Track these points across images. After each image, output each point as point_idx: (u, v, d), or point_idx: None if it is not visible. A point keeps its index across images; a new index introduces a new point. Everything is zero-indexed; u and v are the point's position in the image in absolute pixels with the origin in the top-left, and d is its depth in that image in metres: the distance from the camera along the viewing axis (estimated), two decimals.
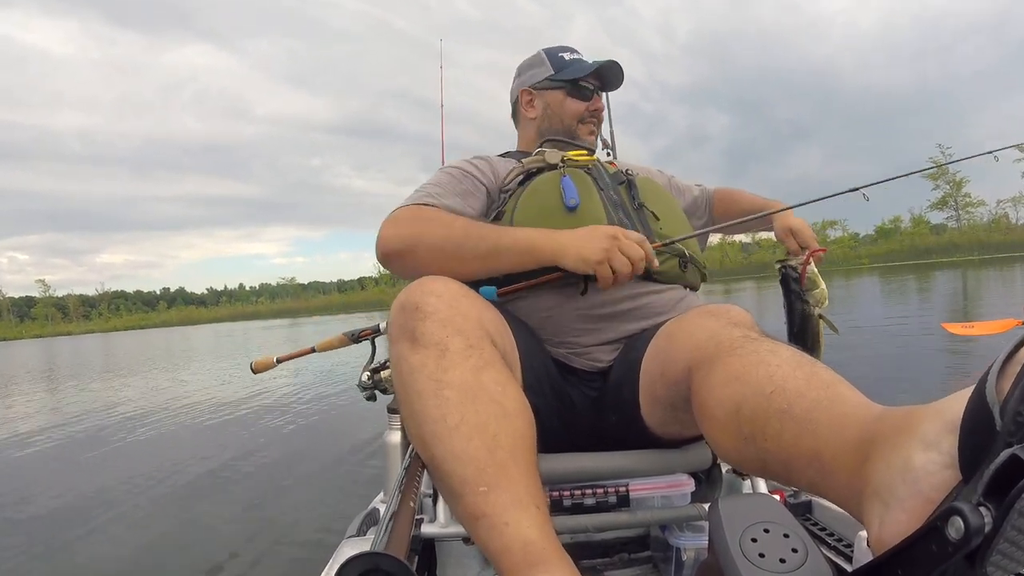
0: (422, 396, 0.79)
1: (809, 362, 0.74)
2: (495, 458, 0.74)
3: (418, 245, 1.12)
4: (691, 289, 1.27)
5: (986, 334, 5.29)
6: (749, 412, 0.71)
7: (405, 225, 1.15)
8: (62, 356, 22.15)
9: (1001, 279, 16.46)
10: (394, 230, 1.15)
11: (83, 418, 6.30)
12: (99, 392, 9.01)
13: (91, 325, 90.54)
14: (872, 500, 0.51)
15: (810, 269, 1.28)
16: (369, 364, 1.35)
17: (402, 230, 1.14)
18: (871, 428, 0.56)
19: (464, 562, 1.30)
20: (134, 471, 3.87)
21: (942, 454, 0.46)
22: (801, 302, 1.30)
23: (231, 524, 2.84)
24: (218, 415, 5.78)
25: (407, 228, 1.15)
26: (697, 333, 0.92)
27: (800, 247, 1.34)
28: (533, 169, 1.26)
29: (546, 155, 1.27)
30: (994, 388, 0.42)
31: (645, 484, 1.07)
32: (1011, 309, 8.21)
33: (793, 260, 1.30)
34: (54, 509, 3.26)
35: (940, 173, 49.19)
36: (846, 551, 1.03)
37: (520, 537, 0.68)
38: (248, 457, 4.05)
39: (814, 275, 1.28)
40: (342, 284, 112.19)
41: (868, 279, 23.97)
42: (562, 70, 1.40)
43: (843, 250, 53.85)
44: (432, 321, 0.83)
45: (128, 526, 2.91)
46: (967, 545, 0.39)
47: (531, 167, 1.26)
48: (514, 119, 1.53)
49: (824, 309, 1.30)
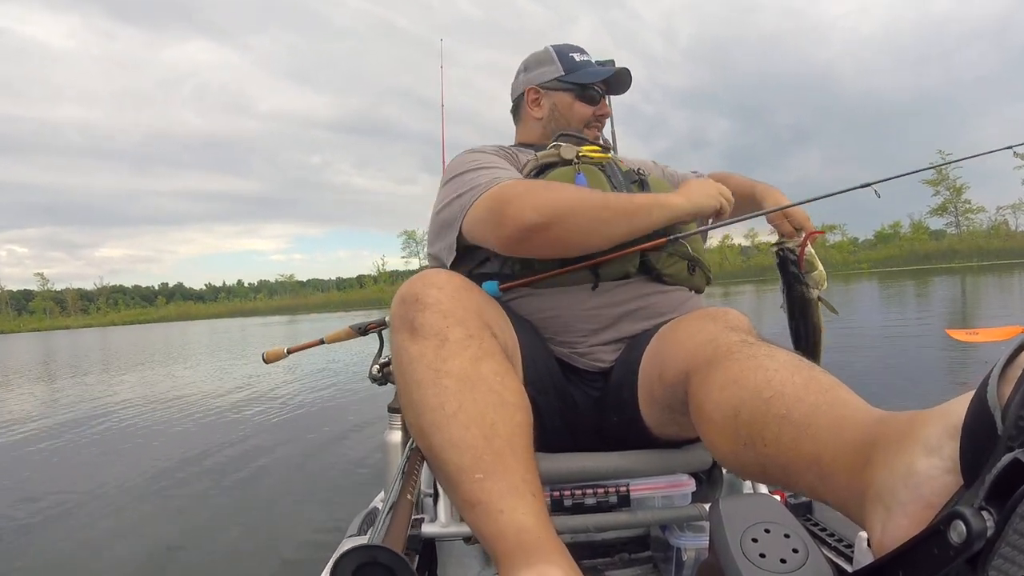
0: (421, 385, 0.80)
1: (807, 366, 0.74)
2: (492, 446, 0.75)
3: (563, 214, 1.04)
4: (696, 292, 1.27)
5: (991, 341, 5.28)
6: (747, 417, 0.71)
7: (539, 197, 1.06)
8: (61, 351, 22.07)
9: (1000, 286, 16.46)
10: (530, 202, 1.04)
11: (76, 418, 6.29)
12: (94, 387, 8.99)
13: (89, 319, 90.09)
14: (874, 505, 0.51)
15: (808, 251, 1.25)
16: (378, 358, 1.36)
17: (539, 201, 1.04)
18: (872, 432, 0.56)
19: (465, 562, 1.30)
20: (140, 467, 3.87)
21: (944, 459, 0.46)
22: (800, 285, 1.27)
23: (231, 525, 2.85)
24: (223, 412, 5.78)
25: (543, 199, 1.05)
26: (694, 336, 0.92)
27: (795, 229, 1.34)
28: (547, 163, 1.26)
29: (561, 150, 1.26)
30: (995, 392, 0.42)
31: (646, 484, 1.08)
32: (1013, 316, 8.20)
33: (790, 242, 1.28)
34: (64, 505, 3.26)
35: (940, 179, 49.16)
36: (847, 551, 1.04)
37: (515, 524, 0.69)
38: (253, 453, 4.05)
39: (812, 257, 1.26)
40: (341, 282, 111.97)
41: (867, 284, 23.94)
42: (572, 72, 1.38)
43: (842, 255, 53.77)
44: (432, 312, 0.84)
45: (128, 525, 2.91)
46: (969, 549, 0.40)
47: (546, 160, 1.26)
48: (514, 114, 1.50)
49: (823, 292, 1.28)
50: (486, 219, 1.09)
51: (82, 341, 30.10)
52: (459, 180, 1.19)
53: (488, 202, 1.09)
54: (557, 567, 0.63)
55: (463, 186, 1.17)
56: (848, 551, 1.03)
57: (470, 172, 1.19)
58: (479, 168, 1.19)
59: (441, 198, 1.22)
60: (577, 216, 1.05)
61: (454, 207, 1.17)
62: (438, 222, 1.22)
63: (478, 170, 1.18)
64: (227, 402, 6.29)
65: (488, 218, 1.08)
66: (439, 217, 1.22)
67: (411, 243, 74.58)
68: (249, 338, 20.08)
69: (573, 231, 1.05)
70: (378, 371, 1.34)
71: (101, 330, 58.49)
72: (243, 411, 5.66)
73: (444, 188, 1.23)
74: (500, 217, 1.06)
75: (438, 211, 1.22)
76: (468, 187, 1.15)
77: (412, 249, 74.49)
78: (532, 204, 1.04)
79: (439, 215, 1.22)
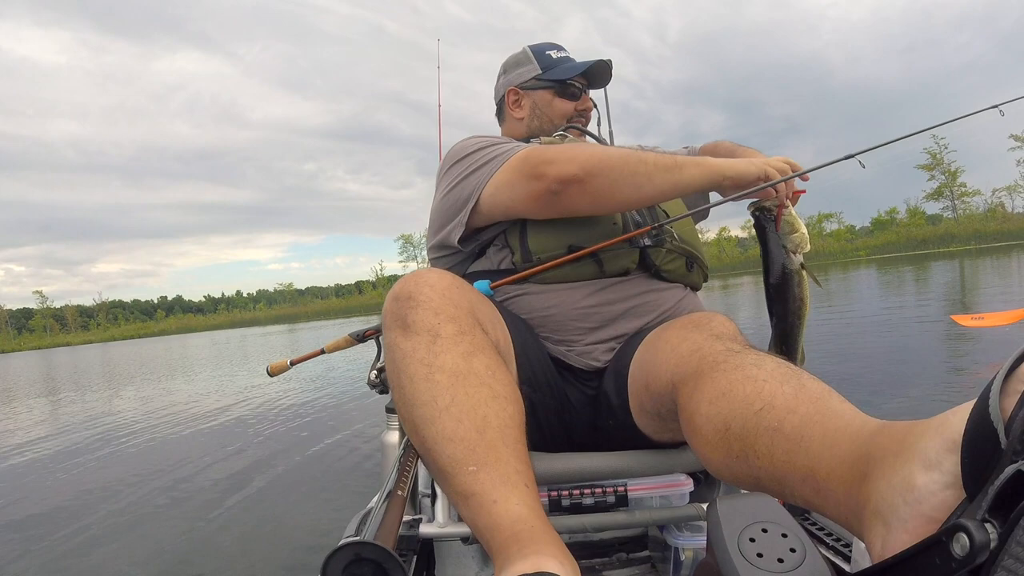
0: (413, 380, 0.80)
1: (795, 373, 0.73)
2: (484, 438, 0.75)
3: (603, 166, 1.04)
4: (693, 289, 1.26)
5: (997, 325, 5.31)
6: (739, 430, 0.70)
7: (577, 150, 1.06)
8: (65, 368, 22.11)
9: (999, 268, 16.51)
10: (568, 154, 1.05)
11: (82, 433, 6.29)
12: (94, 404, 9.00)
13: (89, 335, 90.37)
14: (873, 520, 0.50)
15: (786, 211, 1.15)
16: (376, 363, 1.36)
17: (578, 154, 1.05)
18: (867, 445, 0.55)
19: (463, 562, 1.31)
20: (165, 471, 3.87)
21: (944, 473, 0.45)
22: (779, 250, 1.15)
23: (235, 526, 2.84)
24: (230, 421, 5.78)
25: (582, 152, 1.05)
26: (680, 346, 0.92)
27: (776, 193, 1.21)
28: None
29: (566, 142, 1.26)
30: (998, 406, 0.41)
31: (643, 484, 1.07)
32: (1016, 299, 8.22)
33: (767, 202, 1.16)
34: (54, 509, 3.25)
35: (936, 163, 49.36)
36: (844, 551, 1.02)
37: (509, 514, 0.69)
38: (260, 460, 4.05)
39: (792, 217, 1.15)
40: (339, 289, 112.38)
41: (866, 271, 24.04)
42: (549, 69, 1.39)
43: (840, 243, 54.05)
44: (424, 309, 0.84)
45: (132, 530, 2.90)
46: (972, 561, 0.39)
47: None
48: (498, 116, 1.51)
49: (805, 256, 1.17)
50: (517, 180, 1.09)
51: (85, 357, 30.15)
52: (471, 158, 1.18)
53: (520, 163, 1.10)
54: (552, 558, 0.62)
55: (478, 161, 1.16)
56: (846, 551, 1.02)
57: (481, 150, 1.18)
58: (492, 145, 1.19)
59: (449, 180, 1.21)
60: (615, 169, 1.05)
61: (471, 180, 1.16)
62: (446, 203, 1.21)
63: (492, 146, 1.18)
64: (236, 412, 6.30)
65: (520, 178, 1.09)
66: (448, 198, 1.20)
67: (408, 247, 75.00)
68: (249, 348, 20.11)
69: (610, 184, 1.05)
70: (376, 376, 1.34)
71: (102, 346, 58.69)
72: (248, 420, 5.66)
73: (450, 170, 1.22)
74: (537, 172, 1.07)
75: (445, 193, 1.21)
76: (486, 159, 1.15)
77: (410, 253, 74.90)
78: (570, 156, 1.05)
79: (447, 196, 1.21)
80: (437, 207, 1.24)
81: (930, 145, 47.66)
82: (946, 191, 53.05)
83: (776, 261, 1.16)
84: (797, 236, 1.15)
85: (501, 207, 1.13)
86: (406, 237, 75.41)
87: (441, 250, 1.25)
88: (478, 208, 1.15)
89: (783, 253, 1.16)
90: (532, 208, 1.11)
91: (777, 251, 1.16)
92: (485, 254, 1.22)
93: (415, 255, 74.16)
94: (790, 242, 1.15)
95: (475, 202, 1.15)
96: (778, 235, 1.16)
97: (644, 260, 1.17)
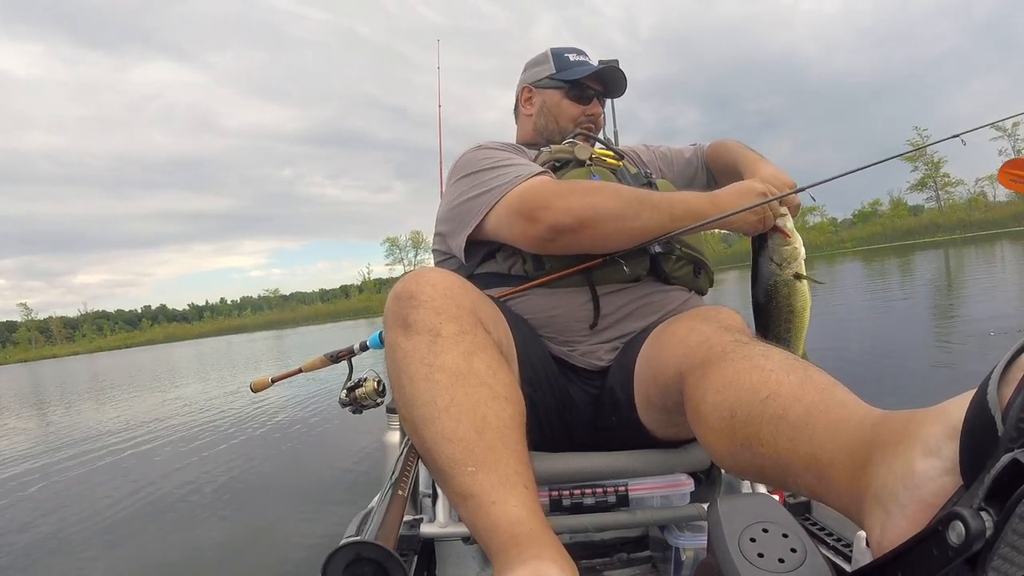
0: (414, 380, 0.80)
1: (802, 365, 0.74)
2: (484, 439, 0.74)
3: (594, 218, 1.06)
4: (698, 293, 1.27)
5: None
6: (744, 417, 0.71)
7: (571, 199, 1.07)
8: (54, 381, 21.81)
9: (986, 256, 16.70)
10: (562, 204, 1.06)
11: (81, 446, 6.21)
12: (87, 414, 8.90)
13: (75, 347, 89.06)
14: (873, 505, 0.51)
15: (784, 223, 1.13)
16: (346, 383, 1.36)
17: (571, 204, 1.06)
18: (869, 433, 0.56)
19: (464, 562, 1.31)
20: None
21: (943, 460, 0.46)
22: (768, 263, 1.14)
23: (235, 527, 2.83)
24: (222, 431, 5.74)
25: (575, 203, 1.06)
26: (688, 338, 0.92)
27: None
28: (561, 158, 1.26)
29: (576, 148, 1.27)
30: (996, 394, 0.42)
31: (644, 484, 1.08)
32: (1004, 283, 8.28)
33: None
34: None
35: (919, 154, 49.73)
36: (845, 551, 1.04)
37: (507, 516, 0.68)
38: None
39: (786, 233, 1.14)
40: (324, 293, 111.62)
41: (852, 264, 24.16)
42: (563, 70, 1.40)
43: (824, 236, 54.27)
44: (425, 308, 0.84)
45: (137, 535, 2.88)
46: (968, 549, 0.40)
47: (560, 156, 1.26)
48: (515, 115, 1.54)
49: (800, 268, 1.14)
50: (514, 219, 1.10)
51: (71, 369, 29.74)
52: (476, 178, 1.19)
53: (517, 202, 1.10)
54: (551, 562, 0.62)
55: (482, 185, 1.17)
56: (847, 551, 1.03)
57: (487, 171, 1.19)
58: (496, 167, 1.19)
59: (456, 193, 1.22)
60: (612, 220, 1.06)
61: (474, 204, 1.17)
62: (452, 214, 1.22)
63: (495, 168, 1.18)
64: (237, 412, 6.27)
65: (517, 218, 1.09)
66: (453, 211, 1.22)
67: (395, 250, 74.58)
68: (241, 356, 19.94)
69: (604, 235, 1.07)
70: (346, 396, 1.35)
71: (89, 357, 57.92)
72: (247, 421, 5.63)
73: (458, 183, 1.22)
74: (531, 216, 1.08)
75: (451, 206, 1.22)
76: (488, 187, 1.16)
77: (396, 256, 74.48)
78: (566, 206, 1.06)
79: (453, 208, 1.22)
80: (444, 214, 1.25)
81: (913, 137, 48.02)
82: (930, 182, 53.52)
83: (764, 273, 1.16)
84: (789, 249, 1.14)
85: (504, 239, 1.15)
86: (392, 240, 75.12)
87: (446, 252, 1.27)
88: (479, 232, 1.17)
89: (771, 266, 1.15)
90: (528, 247, 1.12)
91: (766, 264, 1.15)
92: (495, 257, 1.22)
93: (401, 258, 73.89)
94: (778, 255, 1.14)
95: (472, 229, 1.17)
96: (769, 248, 1.15)
97: (655, 266, 1.18)
